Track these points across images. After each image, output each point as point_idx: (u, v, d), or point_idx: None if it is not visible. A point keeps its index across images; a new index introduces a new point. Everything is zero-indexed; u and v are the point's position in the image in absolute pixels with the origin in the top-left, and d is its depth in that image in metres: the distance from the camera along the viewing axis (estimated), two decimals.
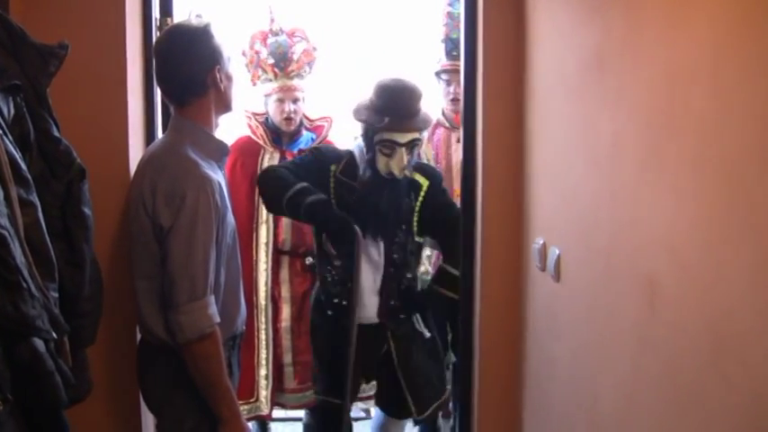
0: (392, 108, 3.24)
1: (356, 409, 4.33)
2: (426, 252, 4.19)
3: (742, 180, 1.38)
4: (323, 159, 3.37)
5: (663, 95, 1.72)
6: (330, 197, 3.29)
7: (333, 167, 3.34)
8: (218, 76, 2.46)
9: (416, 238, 3.48)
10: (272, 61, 4.02)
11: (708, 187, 1.51)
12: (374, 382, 3.72)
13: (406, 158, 3.27)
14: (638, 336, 1.87)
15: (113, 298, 2.59)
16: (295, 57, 4.04)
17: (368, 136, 3.29)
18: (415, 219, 3.44)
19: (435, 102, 4.31)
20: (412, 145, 3.30)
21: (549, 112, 2.67)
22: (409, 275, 3.49)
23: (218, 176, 2.46)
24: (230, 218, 2.52)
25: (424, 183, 3.45)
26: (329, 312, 3.41)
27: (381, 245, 3.38)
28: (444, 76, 4.16)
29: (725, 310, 1.45)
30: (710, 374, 1.50)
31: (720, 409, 1.47)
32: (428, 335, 3.53)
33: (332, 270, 3.38)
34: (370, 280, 3.38)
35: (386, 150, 3.25)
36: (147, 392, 2.60)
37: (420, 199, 3.44)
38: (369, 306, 3.40)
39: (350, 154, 3.39)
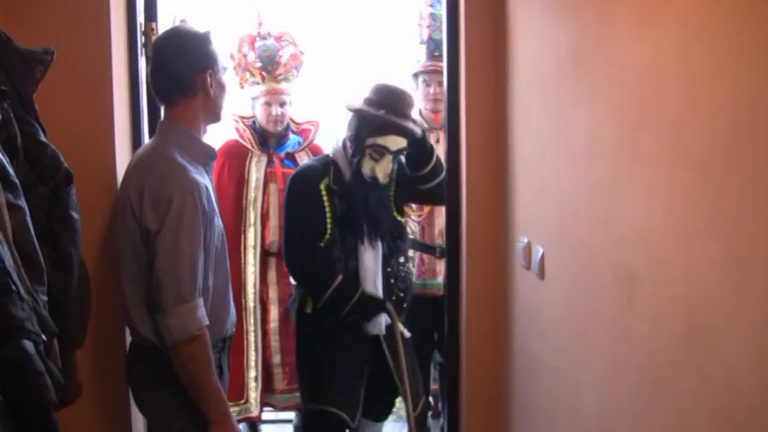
0: (388, 104, 3.30)
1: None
2: (409, 253, 4.23)
3: (712, 173, 1.41)
4: (311, 185, 3.34)
5: (635, 92, 1.75)
6: (325, 215, 3.31)
7: (321, 186, 3.34)
8: (208, 80, 2.48)
9: (398, 218, 3.55)
10: (259, 65, 4.05)
11: (680, 181, 1.54)
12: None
13: (390, 166, 3.32)
14: (617, 330, 1.90)
15: (102, 300, 2.60)
16: (282, 60, 4.06)
17: (359, 138, 3.30)
18: (392, 201, 3.51)
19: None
20: (398, 153, 3.35)
21: (529, 111, 2.70)
22: (401, 259, 3.55)
23: (206, 180, 2.48)
24: (218, 221, 2.54)
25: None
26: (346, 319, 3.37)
27: (379, 251, 3.41)
28: (424, 77, 4.16)
29: (698, 303, 1.48)
30: (686, 366, 1.53)
31: (696, 400, 1.50)
32: (408, 335, 3.55)
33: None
34: (370, 288, 3.38)
35: (375, 155, 3.29)
36: (137, 393, 2.61)
37: (393, 182, 3.51)
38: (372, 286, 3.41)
39: (332, 163, 3.39)
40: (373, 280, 3.38)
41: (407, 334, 3.55)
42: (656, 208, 1.66)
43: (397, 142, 3.31)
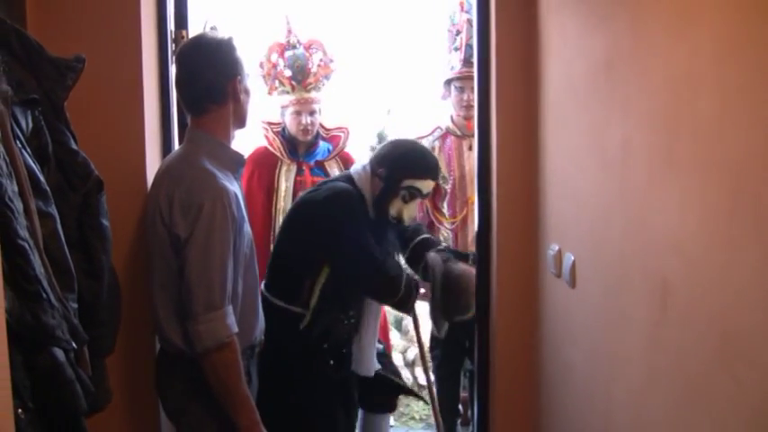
0: (431, 167, 3.34)
1: None
2: None
3: (747, 181, 1.39)
4: (360, 208, 3.23)
5: (670, 100, 1.73)
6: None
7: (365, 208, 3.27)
8: (238, 86, 2.49)
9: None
10: (289, 74, 4.05)
11: (714, 189, 1.52)
12: None
13: (416, 210, 3.37)
14: (651, 338, 1.88)
15: (132, 308, 2.61)
16: (312, 70, 4.06)
17: (393, 179, 3.22)
18: None
19: (444, 109, 4.32)
20: (425, 197, 3.40)
21: (561, 119, 2.68)
22: None
23: (235, 187, 2.48)
24: (247, 228, 2.54)
25: None
26: (331, 362, 3.22)
27: None
28: (457, 84, 4.16)
29: (733, 310, 1.45)
30: (721, 375, 1.51)
31: (731, 410, 1.47)
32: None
33: (347, 317, 3.25)
34: (371, 331, 3.36)
35: (407, 197, 3.25)
36: (166, 401, 2.62)
37: None
38: (368, 359, 3.36)
39: (358, 193, 3.26)
40: (375, 316, 3.39)
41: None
42: (691, 216, 1.63)
43: (429, 187, 3.32)
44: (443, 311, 3.42)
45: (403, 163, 3.25)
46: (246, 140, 4.00)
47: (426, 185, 3.28)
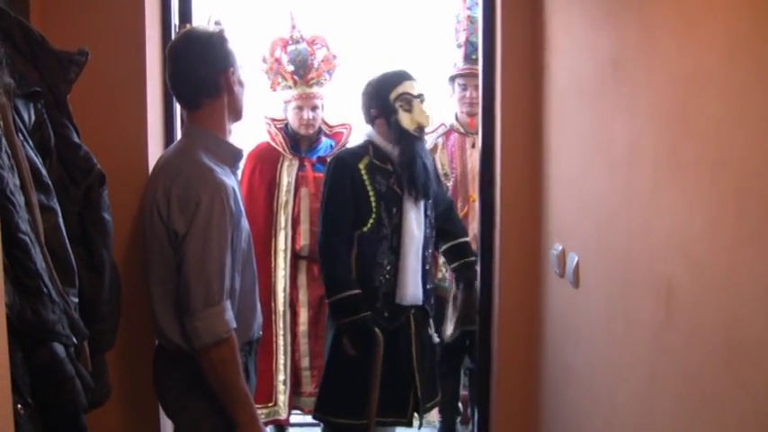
0: (398, 73, 3.40)
1: None
2: (442, 258, 4.21)
3: (755, 182, 1.38)
4: (351, 167, 3.35)
5: (678, 100, 1.72)
6: (369, 195, 3.32)
7: (361, 165, 3.35)
8: (231, 79, 2.47)
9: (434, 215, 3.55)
10: (291, 69, 4.04)
11: (722, 191, 1.51)
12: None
13: (425, 110, 3.35)
14: (655, 341, 1.87)
15: (132, 303, 2.60)
16: (315, 64, 4.06)
17: (383, 102, 3.35)
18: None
19: (448, 106, 4.31)
20: (422, 99, 3.38)
21: (566, 118, 2.67)
22: (430, 259, 3.54)
23: (232, 182, 2.46)
24: (245, 223, 2.52)
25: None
26: (386, 314, 3.35)
27: (422, 217, 3.38)
28: (461, 81, 4.14)
29: (740, 314, 1.44)
30: (727, 380, 1.50)
31: (737, 415, 1.46)
32: (437, 340, 3.59)
33: (383, 273, 3.35)
34: (412, 258, 3.36)
35: (405, 106, 3.32)
36: (164, 398, 2.60)
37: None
38: (413, 286, 3.37)
39: (369, 143, 3.41)
40: (417, 248, 3.37)
41: (437, 339, 3.59)
42: (697, 217, 1.62)
43: (414, 87, 3.37)
44: (459, 320, 3.51)
45: (376, 87, 3.40)
46: (249, 136, 3.99)
47: (410, 86, 3.35)
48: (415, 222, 3.35)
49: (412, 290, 3.36)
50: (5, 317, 1.51)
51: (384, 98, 3.34)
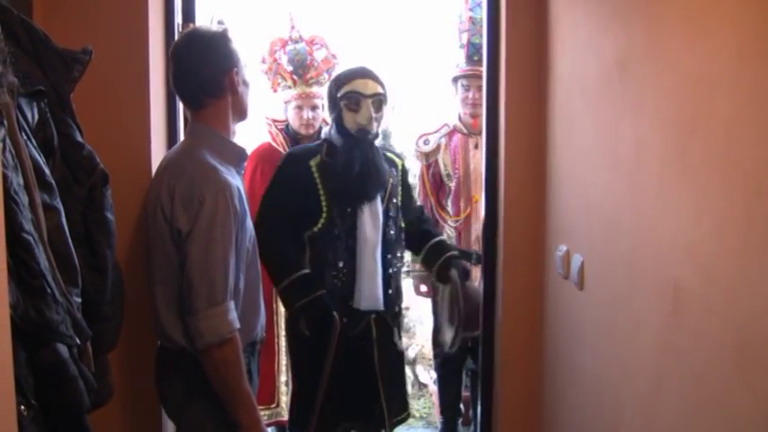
0: (354, 70, 3.28)
1: None
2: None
3: (765, 184, 1.37)
4: (300, 162, 3.29)
5: (685, 101, 1.71)
6: (319, 194, 3.21)
7: (312, 163, 3.26)
8: (235, 79, 2.46)
9: (401, 218, 3.43)
10: (290, 68, 4.05)
11: (730, 192, 1.50)
12: None
13: (372, 111, 3.20)
14: (661, 343, 1.86)
15: (134, 303, 2.59)
16: (314, 64, 4.06)
17: (331, 95, 3.28)
18: (399, 196, 3.41)
19: (451, 107, 4.31)
20: (377, 100, 3.23)
21: (571, 118, 2.66)
22: (397, 264, 3.40)
23: (237, 181, 2.46)
24: (249, 223, 2.51)
25: (399, 162, 3.48)
26: (344, 320, 3.19)
27: (379, 219, 3.25)
28: (464, 82, 4.15)
29: (749, 317, 1.43)
30: (734, 381, 1.49)
31: (746, 419, 1.45)
32: (402, 349, 3.49)
33: (337, 274, 3.22)
34: (368, 259, 3.23)
35: (352, 105, 3.19)
36: (166, 398, 2.59)
37: (399, 178, 3.43)
38: (370, 289, 3.23)
39: (324, 141, 3.33)
40: (372, 250, 3.23)
41: (402, 347, 3.50)
42: (705, 219, 1.61)
43: (367, 86, 3.22)
44: (462, 324, 3.36)
45: (332, 83, 3.32)
46: (250, 136, 3.99)
47: (360, 85, 3.21)
48: (371, 223, 3.23)
49: (369, 293, 3.22)
50: (9, 317, 1.50)
51: (333, 95, 3.27)
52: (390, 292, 3.33)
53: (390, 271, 3.33)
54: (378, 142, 3.39)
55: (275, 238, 3.15)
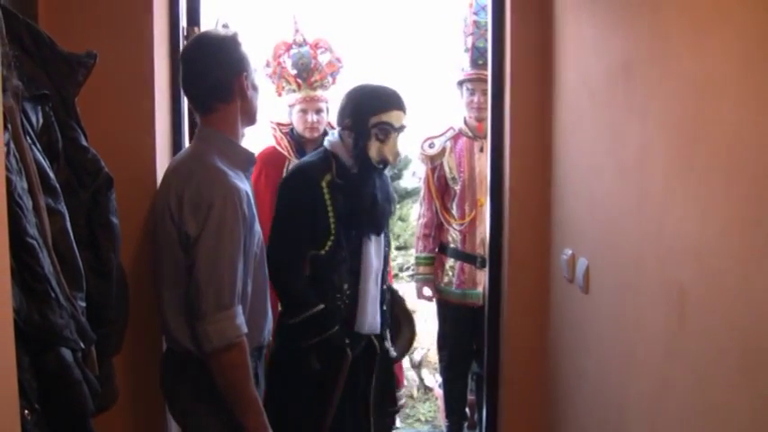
0: (390, 99, 3.13)
1: None
2: (449, 262, 4.20)
3: None
4: (312, 183, 3.11)
5: (691, 105, 1.70)
6: (328, 215, 3.09)
7: (323, 183, 3.10)
8: (245, 83, 2.46)
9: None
10: (294, 72, 4.05)
11: (737, 196, 1.50)
12: None
13: (398, 146, 3.14)
14: (666, 348, 1.85)
15: (139, 307, 2.59)
16: (318, 67, 4.06)
17: (360, 120, 3.09)
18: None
19: (456, 111, 4.31)
20: (401, 131, 3.14)
21: (577, 122, 2.66)
22: (384, 285, 3.34)
23: (246, 186, 2.45)
24: (257, 228, 2.51)
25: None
26: (347, 341, 3.11)
27: (381, 245, 3.22)
28: (469, 86, 4.14)
29: (755, 321, 1.43)
30: (742, 389, 1.48)
31: (750, 421, 1.45)
32: (394, 354, 3.42)
33: (341, 297, 3.13)
34: (372, 283, 3.18)
35: (381, 135, 3.08)
36: (173, 402, 2.59)
37: None
38: (373, 315, 3.19)
39: (332, 156, 3.17)
40: (375, 275, 3.19)
41: (394, 353, 3.43)
42: (711, 223, 1.61)
43: (399, 118, 3.11)
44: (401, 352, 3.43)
45: (362, 103, 3.11)
46: (255, 140, 3.99)
47: (395, 117, 3.09)
48: (375, 249, 3.18)
49: (371, 318, 3.17)
50: (13, 321, 1.50)
51: (363, 118, 3.09)
52: (384, 308, 3.31)
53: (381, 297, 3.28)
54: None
55: (290, 271, 3.07)
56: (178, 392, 2.54)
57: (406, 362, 5.83)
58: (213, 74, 2.43)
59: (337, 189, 3.11)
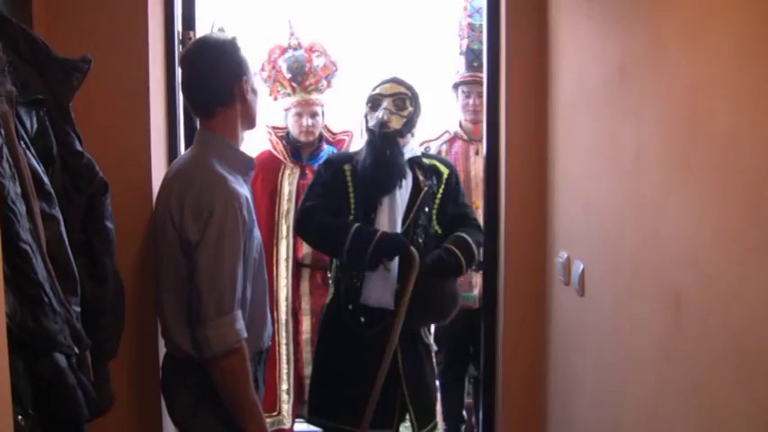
0: (382, 79, 3.41)
1: None
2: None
3: (766, 191, 1.36)
4: (335, 165, 3.38)
5: (687, 107, 1.70)
6: (349, 197, 3.31)
7: (346, 167, 3.36)
8: (245, 87, 2.47)
9: (435, 227, 3.38)
10: (289, 76, 4.05)
11: (732, 199, 1.49)
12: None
13: (393, 108, 3.30)
14: (663, 351, 1.85)
15: (136, 312, 2.59)
16: (313, 71, 4.06)
17: (365, 105, 3.42)
18: (437, 204, 3.38)
19: (452, 114, 4.31)
20: (399, 98, 3.33)
21: (572, 125, 2.66)
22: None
23: (245, 191, 2.46)
24: (257, 232, 2.51)
25: (445, 170, 3.43)
26: (362, 319, 3.27)
27: (397, 221, 3.26)
28: (464, 88, 4.15)
29: (752, 326, 1.42)
30: (738, 393, 1.48)
31: (746, 425, 1.45)
32: (435, 348, 3.49)
33: (357, 274, 3.27)
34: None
35: (373, 105, 3.35)
36: (173, 407, 2.57)
37: (442, 186, 3.39)
38: (381, 289, 3.25)
39: (361, 151, 3.39)
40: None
41: (435, 348, 3.49)
42: (707, 226, 1.60)
43: (390, 88, 3.37)
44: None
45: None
46: (251, 144, 3.99)
47: (387, 88, 3.36)
48: (387, 221, 3.26)
49: (378, 291, 3.23)
50: (6, 326, 1.50)
51: (365, 102, 3.40)
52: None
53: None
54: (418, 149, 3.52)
55: (318, 216, 3.26)
56: (179, 397, 2.53)
57: None
58: (214, 78, 2.44)
59: (357, 176, 3.32)
